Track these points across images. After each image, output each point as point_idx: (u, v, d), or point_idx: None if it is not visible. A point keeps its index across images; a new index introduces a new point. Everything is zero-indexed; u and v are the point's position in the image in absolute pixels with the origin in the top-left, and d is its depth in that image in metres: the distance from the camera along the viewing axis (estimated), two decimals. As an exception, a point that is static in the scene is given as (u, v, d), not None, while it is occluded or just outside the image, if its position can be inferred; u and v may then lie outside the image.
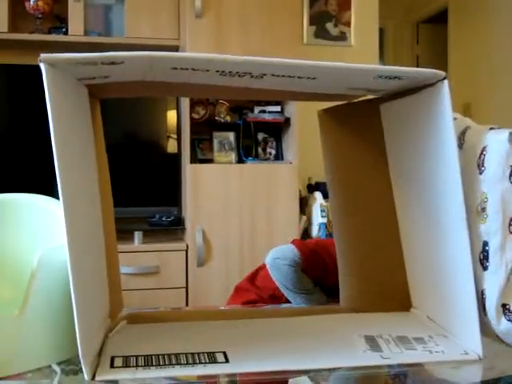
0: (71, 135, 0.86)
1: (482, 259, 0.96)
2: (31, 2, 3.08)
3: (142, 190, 3.24)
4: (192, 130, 3.07)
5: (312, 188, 3.56)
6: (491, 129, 0.99)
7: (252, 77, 0.92)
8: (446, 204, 0.94)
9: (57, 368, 0.88)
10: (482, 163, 0.96)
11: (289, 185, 3.12)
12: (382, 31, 4.89)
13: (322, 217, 3.28)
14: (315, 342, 0.99)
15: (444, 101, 0.92)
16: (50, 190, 1.18)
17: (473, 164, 0.98)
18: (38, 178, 2.92)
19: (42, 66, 0.78)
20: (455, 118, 0.95)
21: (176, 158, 3.25)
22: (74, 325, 0.79)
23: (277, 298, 1.66)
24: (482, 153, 0.97)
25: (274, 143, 3.34)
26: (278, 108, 3.24)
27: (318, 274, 1.55)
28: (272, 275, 1.57)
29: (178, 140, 3.25)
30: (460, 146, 1.01)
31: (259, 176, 3.09)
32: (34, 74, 2.24)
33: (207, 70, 0.89)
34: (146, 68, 0.89)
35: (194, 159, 3.14)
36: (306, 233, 3.33)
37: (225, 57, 0.84)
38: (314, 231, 3.30)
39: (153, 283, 2.96)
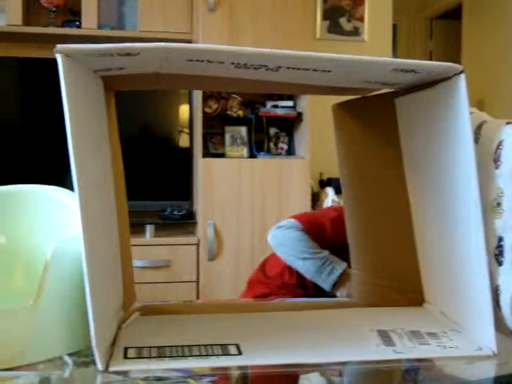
0: (86, 127, 0.86)
1: (497, 255, 0.96)
2: (45, -4, 3.10)
3: (154, 183, 3.25)
4: (204, 124, 3.08)
5: (324, 183, 3.56)
6: (508, 123, 0.98)
7: (267, 69, 0.92)
8: (462, 199, 0.94)
9: (68, 360, 0.88)
10: (498, 158, 0.95)
11: (300, 180, 3.12)
12: (395, 27, 4.87)
13: (334, 212, 3.26)
14: (328, 335, 0.98)
15: (460, 95, 0.91)
16: (64, 182, 1.18)
17: (489, 159, 0.97)
18: (52, 170, 2.93)
19: (58, 57, 0.78)
20: (471, 113, 0.94)
21: (188, 152, 3.26)
22: (87, 316, 0.79)
23: (286, 286, 1.68)
24: (498, 147, 0.96)
25: (286, 138, 3.33)
26: (290, 103, 3.24)
27: (316, 237, 1.62)
28: (275, 246, 1.63)
29: (190, 134, 3.26)
30: (476, 140, 1.00)
31: (271, 171, 3.08)
32: (47, 67, 2.25)
33: (222, 62, 0.89)
34: (161, 60, 0.88)
35: (206, 153, 3.15)
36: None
37: (240, 49, 0.84)
38: (326, 227, 3.30)
39: (164, 277, 2.97)
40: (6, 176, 2.19)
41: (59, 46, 0.78)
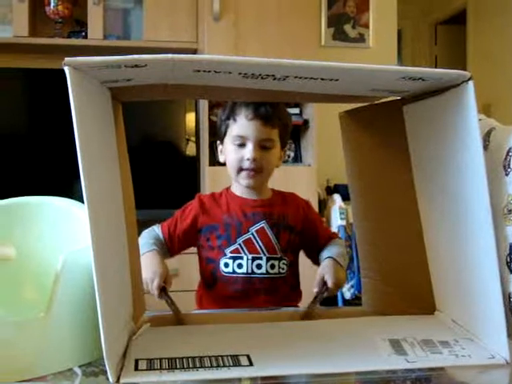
0: (95, 138, 0.87)
1: (509, 262, 0.95)
2: (51, 7, 3.11)
3: (161, 192, 3.24)
4: (211, 132, 3.07)
5: (330, 190, 3.55)
6: (517, 130, 0.98)
7: (275, 79, 0.91)
8: (472, 206, 0.93)
9: (78, 370, 0.88)
10: (508, 164, 0.95)
11: (307, 187, 3.10)
12: (400, 32, 4.86)
13: (341, 219, 3.26)
14: (339, 345, 0.98)
15: (469, 102, 0.91)
16: (73, 192, 1.18)
17: (498, 165, 0.97)
18: (60, 181, 2.93)
19: (66, 70, 0.78)
20: (480, 119, 0.94)
21: (195, 160, 3.25)
22: (97, 327, 0.79)
23: None
24: (507, 154, 0.96)
25: (293, 145, 3.32)
26: (296, 110, 3.23)
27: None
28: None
29: (197, 142, 3.26)
30: (485, 147, 1.00)
31: (278, 178, 3.06)
32: (53, 77, 2.25)
33: (229, 73, 0.89)
34: (168, 71, 0.89)
35: (213, 162, 3.14)
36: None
37: (248, 59, 0.84)
38: (333, 234, 3.28)
39: (172, 286, 2.95)
40: (14, 187, 2.20)
41: (67, 59, 0.78)
